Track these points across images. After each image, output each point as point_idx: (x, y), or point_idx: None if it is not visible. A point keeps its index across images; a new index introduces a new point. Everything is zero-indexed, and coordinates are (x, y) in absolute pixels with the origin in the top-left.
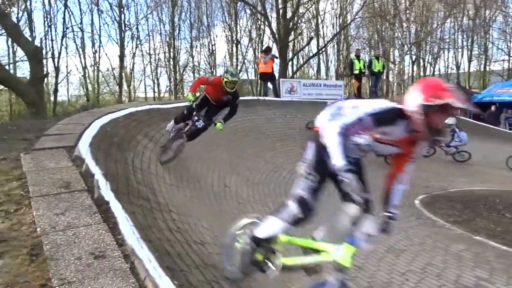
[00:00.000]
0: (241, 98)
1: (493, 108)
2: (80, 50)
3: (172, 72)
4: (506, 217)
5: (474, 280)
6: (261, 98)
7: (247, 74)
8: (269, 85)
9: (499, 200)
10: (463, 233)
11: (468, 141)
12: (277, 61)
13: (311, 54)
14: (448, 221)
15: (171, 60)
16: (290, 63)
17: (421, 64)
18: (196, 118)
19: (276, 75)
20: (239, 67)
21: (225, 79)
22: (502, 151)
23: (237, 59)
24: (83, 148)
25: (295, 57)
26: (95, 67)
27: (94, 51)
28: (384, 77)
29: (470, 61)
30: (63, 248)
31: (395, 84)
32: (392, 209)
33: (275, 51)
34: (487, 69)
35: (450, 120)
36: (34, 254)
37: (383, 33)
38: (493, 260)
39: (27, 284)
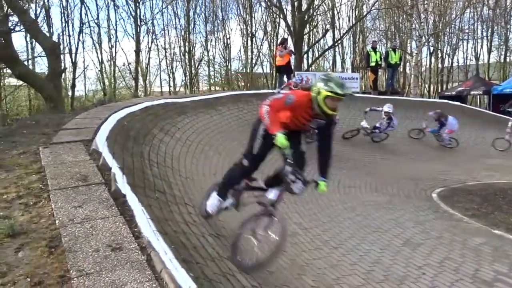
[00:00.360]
0: (256, 91)
1: None
2: (97, 45)
3: (188, 66)
4: None
5: (493, 275)
6: (276, 91)
7: (262, 68)
8: (285, 78)
9: None
10: (481, 226)
11: (487, 133)
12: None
13: (326, 47)
14: (466, 215)
15: (186, 54)
16: (305, 56)
17: (439, 55)
18: (292, 177)
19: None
20: (254, 61)
21: (327, 93)
22: None
23: (252, 52)
24: (100, 142)
25: (310, 49)
26: (112, 62)
27: (110, 46)
28: (401, 69)
29: (490, 52)
30: (81, 240)
31: (412, 76)
32: None
33: (290, 44)
34: (508, 60)
35: (388, 108)
36: (52, 246)
37: (400, 25)
38: None
39: (46, 275)
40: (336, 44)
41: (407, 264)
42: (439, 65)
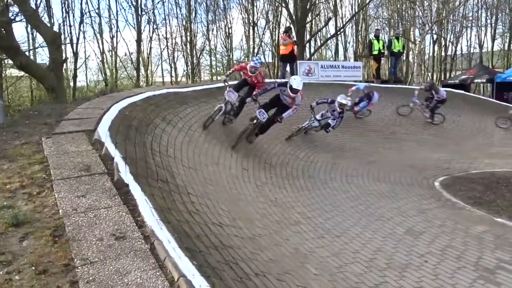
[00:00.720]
0: None
1: None
2: (98, 35)
3: (189, 56)
4: None
5: (495, 262)
6: (278, 80)
7: (264, 57)
8: (287, 68)
9: None
10: (484, 214)
11: (490, 122)
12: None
13: (329, 35)
14: (469, 203)
15: (187, 44)
16: (307, 45)
17: (443, 43)
18: None
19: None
20: (256, 50)
21: None
22: None
23: (254, 41)
24: (103, 132)
25: (313, 38)
26: (113, 52)
27: (111, 36)
28: (404, 58)
29: (493, 39)
30: (85, 230)
31: (415, 64)
32: None
33: (292, 34)
34: None
35: (345, 100)
36: (56, 235)
37: (403, 12)
38: None
39: (51, 264)
40: (338, 32)
41: (409, 252)
42: (443, 53)
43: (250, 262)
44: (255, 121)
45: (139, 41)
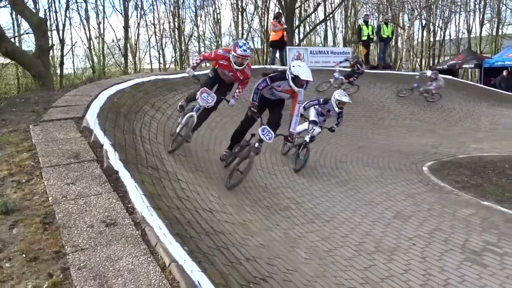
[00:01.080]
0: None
1: (505, 73)
2: (85, 21)
3: (177, 43)
4: None
5: (482, 245)
6: (268, 66)
7: (253, 43)
8: (277, 54)
9: (508, 166)
10: (471, 198)
11: (477, 107)
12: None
13: (318, 21)
14: (456, 187)
15: (176, 30)
16: (296, 30)
17: (431, 29)
18: None
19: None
20: (244, 36)
21: None
22: None
23: (242, 27)
24: (91, 119)
25: (302, 24)
26: (100, 39)
27: (98, 22)
28: (393, 43)
29: (482, 24)
30: (75, 217)
31: (404, 50)
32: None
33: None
34: (500, 33)
35: (346, 97)
36: (47, 222)
37: None
38: (502, 225)
39: (42, 251)
40: (327, 18)
41: (398, 235)
42: (431, 39)
43: (240, 247)
44: (257, 144)
45: (126, 27)
